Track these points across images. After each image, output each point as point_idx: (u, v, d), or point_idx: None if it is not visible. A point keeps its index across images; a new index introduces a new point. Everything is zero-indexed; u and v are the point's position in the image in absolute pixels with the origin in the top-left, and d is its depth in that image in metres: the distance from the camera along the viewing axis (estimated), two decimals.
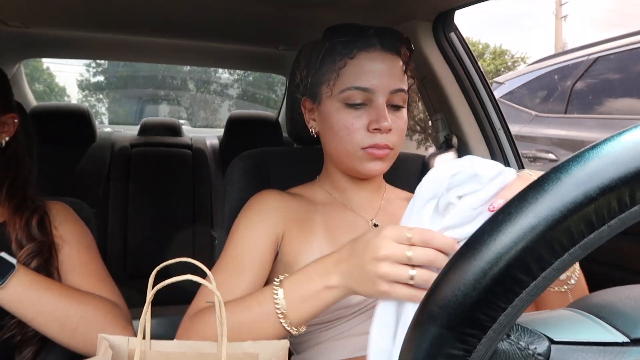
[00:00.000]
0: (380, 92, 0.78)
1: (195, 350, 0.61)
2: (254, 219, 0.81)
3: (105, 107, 9.77)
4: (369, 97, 0.78)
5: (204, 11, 1.46)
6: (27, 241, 0.82)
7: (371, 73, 0.78)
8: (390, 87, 0.78)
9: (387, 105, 0.79)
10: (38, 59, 6.32)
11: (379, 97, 0.78)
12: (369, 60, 0.78)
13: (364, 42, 0.79)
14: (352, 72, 0.79)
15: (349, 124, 0.78)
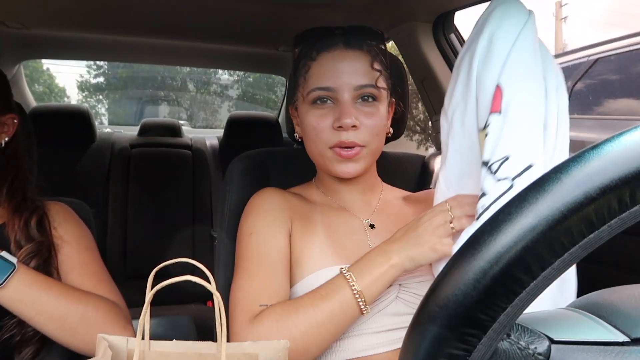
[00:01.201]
0: (344, 90, 0.78)
1: (195, 351, 0.61)
2: (268, 218, 0.82)
3: (105, 107, 9.77)
4: (334, 96, 0.79)
5: (204, 12, 1.46)
6: (26, 241, 0.82)
7: (333, 72, 0.79)
8: (355, 83, 0.79)
9: (356, 102, 0.79)
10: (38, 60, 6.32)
11: (343, 94, 0.78)
12: (330, 60, 0.80)
13: (326, 43, 0.81)
14: (316, 74, 0.81)
15: (316, 123, 0.80)
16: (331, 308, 0.70)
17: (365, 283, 0.70)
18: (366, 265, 0.72)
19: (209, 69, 5.50)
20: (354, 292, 0.70)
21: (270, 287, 0.76)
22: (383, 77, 0.82)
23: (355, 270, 0.71)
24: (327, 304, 0.70)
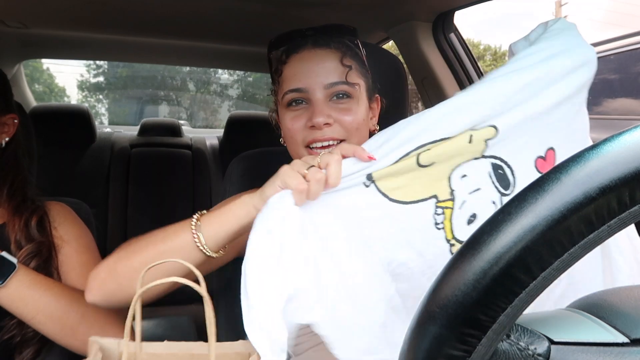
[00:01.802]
0: (315, 89, 0.79)
1: (186, 351, 0.61)
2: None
3: (105, 107, 9.76)
4: (306, 96, 0.80)
5: (204, 11, 1.46)
6: (26, 242, 0.82)
7: (303, 73, 0.80)
8: (325, 82, 0.79)
9: (330, 100, 0.79)
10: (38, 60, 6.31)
11: (314, 94, 0.79)
12: (300, 61, 0.81)
13: (294, 45, 0.82)
14: (288, 77, 0.82)
15: (290, 125, 0.81)
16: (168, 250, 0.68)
17: (207, 220, 0.68)
18: (218, 209, 0.69)
19: (209, 68, 5.49)
20: (192, 227, 0.67)
21: None
22: (356, 72, 0.81)
23: (206, 214, 0.70)
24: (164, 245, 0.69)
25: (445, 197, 0.62)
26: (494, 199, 0.63)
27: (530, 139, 0.64)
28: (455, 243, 0.63)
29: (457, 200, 0.62)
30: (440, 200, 0.62)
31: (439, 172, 0.62)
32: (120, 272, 0.68)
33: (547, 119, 0.64)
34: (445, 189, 0.62)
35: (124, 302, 0.67)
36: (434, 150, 0.60)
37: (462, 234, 0.62)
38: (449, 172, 0.62)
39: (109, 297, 0.69)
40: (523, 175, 0.64)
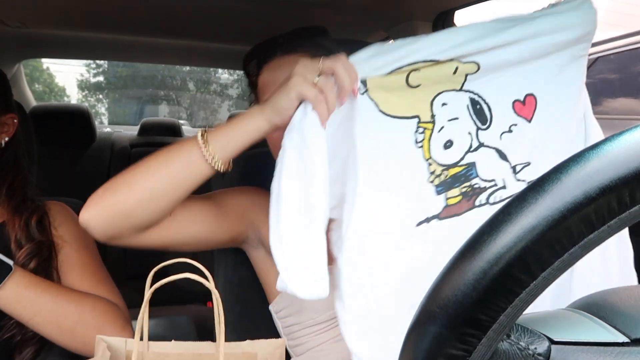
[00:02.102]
0: None
1: (193, 351, 0.62)
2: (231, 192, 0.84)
3: (105, 107, 9.76)
4: None
5: (204, 11, 1.46)
6: (26, 241, 0.82)
7: (274, 82, 0.78)
8: None
9: None
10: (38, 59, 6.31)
11: None
12: (271, 70, 0.81)
13: (264, 55, 0.81)
14: (262, 88, 0.82)
15: (271, 138, 0.79)
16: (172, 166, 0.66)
17: (215, 134, 0.66)
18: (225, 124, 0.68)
19: (209, 68, 5.50)
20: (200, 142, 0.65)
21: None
22: None
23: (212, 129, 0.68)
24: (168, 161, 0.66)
25: (426, 119, 0.67)
26: (470, 131, 0.68)
27: (508, 80, 0.68)
28: (433, 163, 0.67)
29: (437, 124, 0.67)
30: (422, 121, 0.67)
31: (424, 95, 0.67)
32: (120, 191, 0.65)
33: (528, 65, 0.68)
34: (427, 112, 0.67)
35: (120, 220, 0.65)
36: (423, 72, 0.65)
37: (439, 156, 0.67)
38: (432, 97, 0.67)
39: (105, 215, 0.65)
40: (500, 114, 0.68)
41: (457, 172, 0.68)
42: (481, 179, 0.69)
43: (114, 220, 0.65)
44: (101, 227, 0.66)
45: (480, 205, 0.69)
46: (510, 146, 0.69)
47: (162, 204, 0.66)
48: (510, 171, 0.69)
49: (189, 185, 0.67)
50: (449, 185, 0.68)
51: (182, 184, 0.66)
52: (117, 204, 0.65)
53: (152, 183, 0.65)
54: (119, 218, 0.65)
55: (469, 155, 0.68)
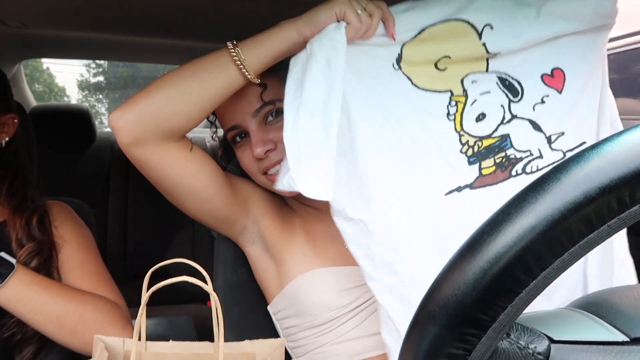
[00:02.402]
0: (246, 121, 0.78)
1: (192, 351, 0.62)
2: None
3: (105, 107, 9.76)
4: (242, 130, 0.80)
5: (204, 11, 1.46)
6: (27, 240, 0.82)
7: (228, 110, 0.80)
8: (250, 110, 0.78)
9: (264, 124, 0.79)
10: (38, 59, 6.31)
11: (248, 126, 0.79)
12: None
13: None
14: (220, 117, 0.83)
15: (241, 161, 0.82)
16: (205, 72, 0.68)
17: (247, 44, 0.68)
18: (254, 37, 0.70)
19: None
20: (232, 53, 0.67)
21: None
22: (275, 85, 0.78)
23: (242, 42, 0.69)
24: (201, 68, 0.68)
25: (459, 93, 0.70)
26: (503, 103, 0.70)
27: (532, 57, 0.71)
28: (464, 134, 0.70)
29: (470, 97, 0.70)
30: (454, 94, 0.70)
31: (453, 74, 0.70)
32: (150, 91, 0.68)
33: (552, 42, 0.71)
34: (459, 87, 0.70)
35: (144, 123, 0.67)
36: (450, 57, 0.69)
37: (471, 128, 0.70)
38: (461, 77, 0.70)
39: (133, 113, 0.67)
40: (531, 87, 0.71)
41: (491, 144, 0.70)
42: (516, 150, 0.71)
43: (142, 117, 0.67)
44: (128, 126, 0.68)
45: (516, 175, 0.70)
46: (543, 117, 0.71)
47: (190, 107, 0.68)
48: (545, 141, 0.71)
49: (217, 92, 0.69)
50: (483, 156, 0.70)
51: (210, 88, 0.68)
52: (146, 101, 0.67)
53: (181, 84, 0.68)
54: (146, 116, 0.67)
55: (502, 127, 0.70)
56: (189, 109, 0.68)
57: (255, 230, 0.83)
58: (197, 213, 0.79)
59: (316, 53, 0.64)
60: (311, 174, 0.62)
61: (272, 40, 0.68)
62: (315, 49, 0.65)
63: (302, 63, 0.65)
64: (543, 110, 0.71)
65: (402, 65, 0.69)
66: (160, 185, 0.74)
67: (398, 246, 0.66)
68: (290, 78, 0.66)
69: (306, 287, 0.77)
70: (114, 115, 0.68)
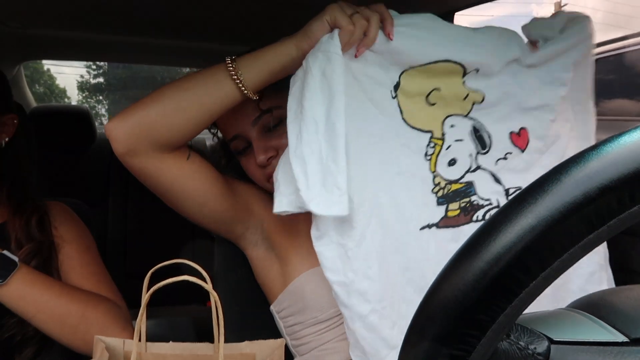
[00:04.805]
0: (247, 131, 0.79)
1: (191, 352, 0.62)
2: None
3: (105, 108, 9.77)
4: (244, 140, 0.80)
5: (204, 12, 1.46)
6: (26, 241, 0.82)
7: (228, 121, 0.80)
8: (249, 120, 0.78)
9: (265, 132, 0.79)
10: (38, 61, 6.31)
11: (248, 135, 0.79)
12: None
13: None
14: (221, 128, 0.84)
15: (246, 169, 0.83)
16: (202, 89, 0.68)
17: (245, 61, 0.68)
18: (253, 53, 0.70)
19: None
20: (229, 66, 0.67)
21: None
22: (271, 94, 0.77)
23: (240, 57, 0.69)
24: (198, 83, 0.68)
25: (438, 136, 0.74)
26: (472, 152, 0.75)
27: (507, 114, 0.76)
28: (437, 176, 0.74)
29: (446, 142, 0.74)
30: (434, 136, 0.73)
31: (438, 114, 0.73)
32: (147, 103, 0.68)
33: (525, 103, 0.76)
34: (439, 129, 0.74)
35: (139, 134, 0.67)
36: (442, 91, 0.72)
37: (443, 171, 0.74)
38: (443, 118, 0.74)
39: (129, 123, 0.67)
40: (498, 142, 0.76)
41: (458, 188, 0.74)
42: (479, 197, 0.75)
43: (137, 128, 0.67)
44: (123, 136, 0.68)
45: (477, 220, 0.74)
46: (504, 171, 0.76)
47: (185, 121, 0.68)
48: (504, 193, 0.76)
49: (214, 107, 0.69)
50: (451, 198, 0.73)
51: (207, 103, 0.68)
52: (142, 113, 0.67)
53: (178, 98, 0.67)
54: (142, 127, 0.67)
55: (468, 174, 0.75)
56: (184, 123, 0.69)
57: (259, 231, 0.83)
58: (197, 217, 0.80)
59: (311, 67, 0.64)
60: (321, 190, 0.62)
61: (270, 56, 0.68)
62: (310, 63, 0.65)
63: (300, 80, 0.66)
64: (504, 166, 0.76)
65: (398, 94, 0.70)
66: (157, 191, 0.74)
67: (372, 275, 0.66)
68: (290, 96, 0.66)
69: (312, 283, 0.77)
70: (109, 124, 0.68)
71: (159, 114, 0.67)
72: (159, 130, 0.67)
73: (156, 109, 0.67)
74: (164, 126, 0.68)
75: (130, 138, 0.67)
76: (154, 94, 0.68)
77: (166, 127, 0.68)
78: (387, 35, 0.66)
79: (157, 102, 0.67)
